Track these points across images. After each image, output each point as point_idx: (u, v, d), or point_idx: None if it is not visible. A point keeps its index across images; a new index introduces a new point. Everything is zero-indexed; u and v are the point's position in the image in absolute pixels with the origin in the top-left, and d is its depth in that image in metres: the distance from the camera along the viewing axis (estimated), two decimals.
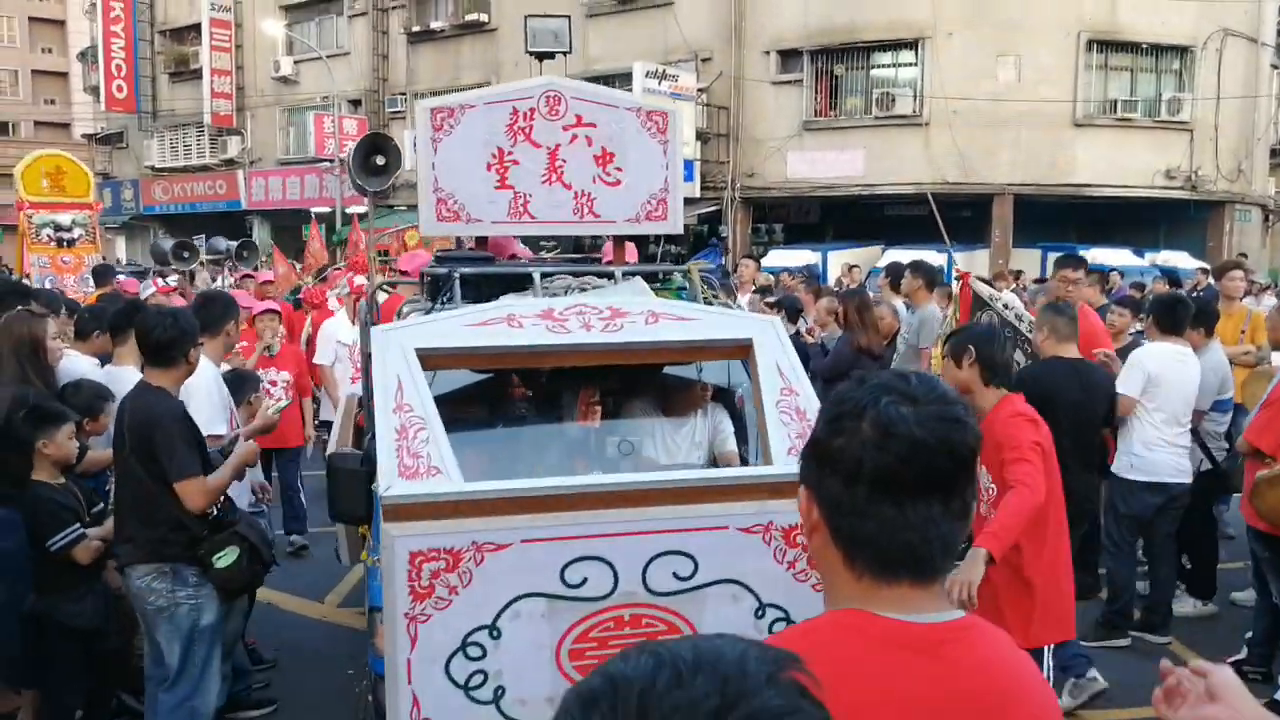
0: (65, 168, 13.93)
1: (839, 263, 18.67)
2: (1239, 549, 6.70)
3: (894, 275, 8.89)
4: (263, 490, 5.83)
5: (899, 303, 8.77)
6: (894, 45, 21.68)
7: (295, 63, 30.86)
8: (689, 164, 21.91)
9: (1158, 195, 21.47)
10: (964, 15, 20.58)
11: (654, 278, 5.19)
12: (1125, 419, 5.95)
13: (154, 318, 4.50)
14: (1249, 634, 5.72)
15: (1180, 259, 19.73)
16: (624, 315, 3.82)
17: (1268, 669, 5.55)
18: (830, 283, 14.91)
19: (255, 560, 4.40)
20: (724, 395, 4.85)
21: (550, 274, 4.84)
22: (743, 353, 3.89)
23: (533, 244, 6.78)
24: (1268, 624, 5.62)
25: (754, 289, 10.36)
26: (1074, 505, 4.70)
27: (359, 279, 9.17)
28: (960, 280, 6.79)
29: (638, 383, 4.68)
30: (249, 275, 11.76)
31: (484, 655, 3.22)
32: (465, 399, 4.55)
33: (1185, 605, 6.48)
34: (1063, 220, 22.25)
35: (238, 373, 5.94)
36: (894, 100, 21.30)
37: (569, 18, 7.60)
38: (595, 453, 4.55)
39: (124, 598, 4.49)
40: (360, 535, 4.66)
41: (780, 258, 18.96)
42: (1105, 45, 21.06)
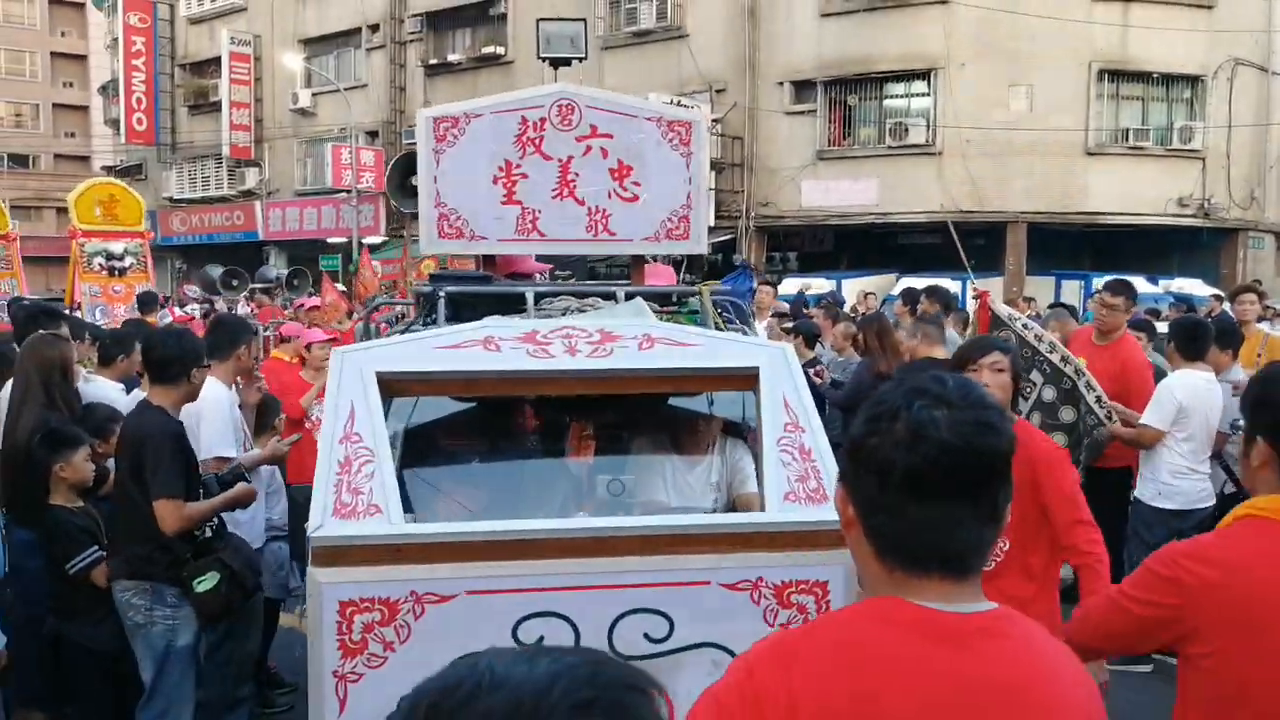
0: (118, 196, 13.83)
1: (853, 290, 18.75)
2: None
3: (911, 301, 9.00)
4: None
5: None
6: (907, 76, 21.87)
7: (313, 95, 31.21)
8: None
9: (1170, 223, 21.53)
10: (976, 46, 20.76)
11: (667, 300, 4.81)
12: (1151, 448, 5.99)
13: (157, 336, 4.60)
14: None
15: (1194, 286, 19.75)
16: (615, 339, 3.43)
17: None
18: (845, 310, 14.99)
19: (236, 588, 4.32)
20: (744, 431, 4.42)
21: (547, 294, 4.48)
22: (747, 383, 3.45)
23: (553, 261, 6.41)
24: None
25: (772, 314, 10.46)
26: None
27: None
28: (979, 299, 6.84)
29: (642, 415, 4.19)
30: (313, 305, 11.41)
31: None
32: (448, 430, 4.17)
33: None
34: (1076, 248, 22.33)
35: (264, 400, 6.00)
36: (907, 130, 21.47)
37: (585, 21, 7.49)
38: (587, 492, 4.00)
39: None
40: None
41: (797, 285, 19.05)
42: (1117, 75, 21.21)
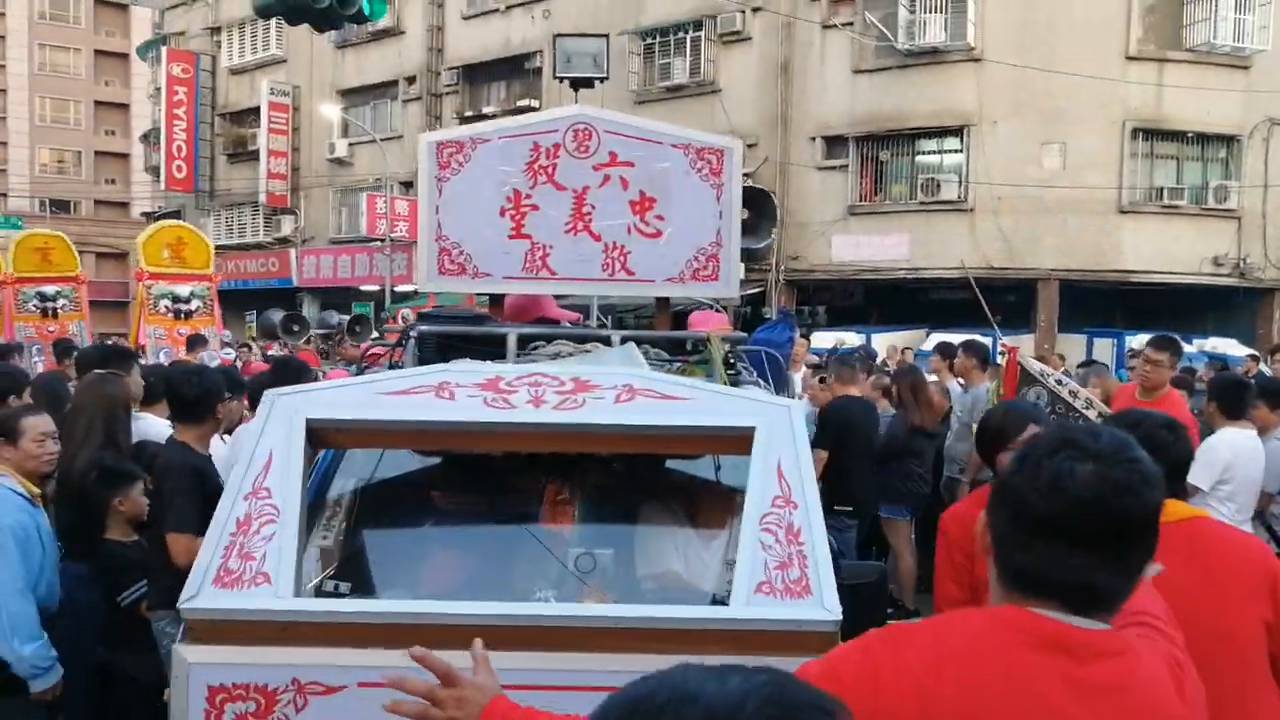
0: (186, 239, 13.92)
1: (884, 345, 18.69)
2: None
3: (947, 355, 8.97)
4: None
5: (952, 383, 8.85)
6: (939, 132, 21.94)
7: (349, 145, 31.64)
8: None
9: (1205, 282, 21.38)
10: (1009, 104, 20.82)
11: (680, 347, 4.38)
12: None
13: (180, 376, 4.79)
14: None
15: (1229, 346, 19.56)
16: (590, 389, 3.00)
17: None
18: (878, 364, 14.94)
19: None
20: None
21: (536, 337, 4.11)
22: (739, 446, 2.96)
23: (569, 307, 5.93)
24: None
25: (806, 366, 10.44)
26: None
27: None
28: (1007, 354, 6.77)
29: (635, 479, 3.71)
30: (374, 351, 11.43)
31: None
32: (404, 488, 3.81)
33: None
34: (1109, 306, 22.19)
35: None
36: (939, 186, 21.50)
37: (606, 37, 6.75)
38: (553, 568, 3.41)
39: None
40: None
41: (830, 339, 19.01)
42: (1151, 133, 21.19)
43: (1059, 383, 6.37)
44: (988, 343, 11.09)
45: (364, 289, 30.05)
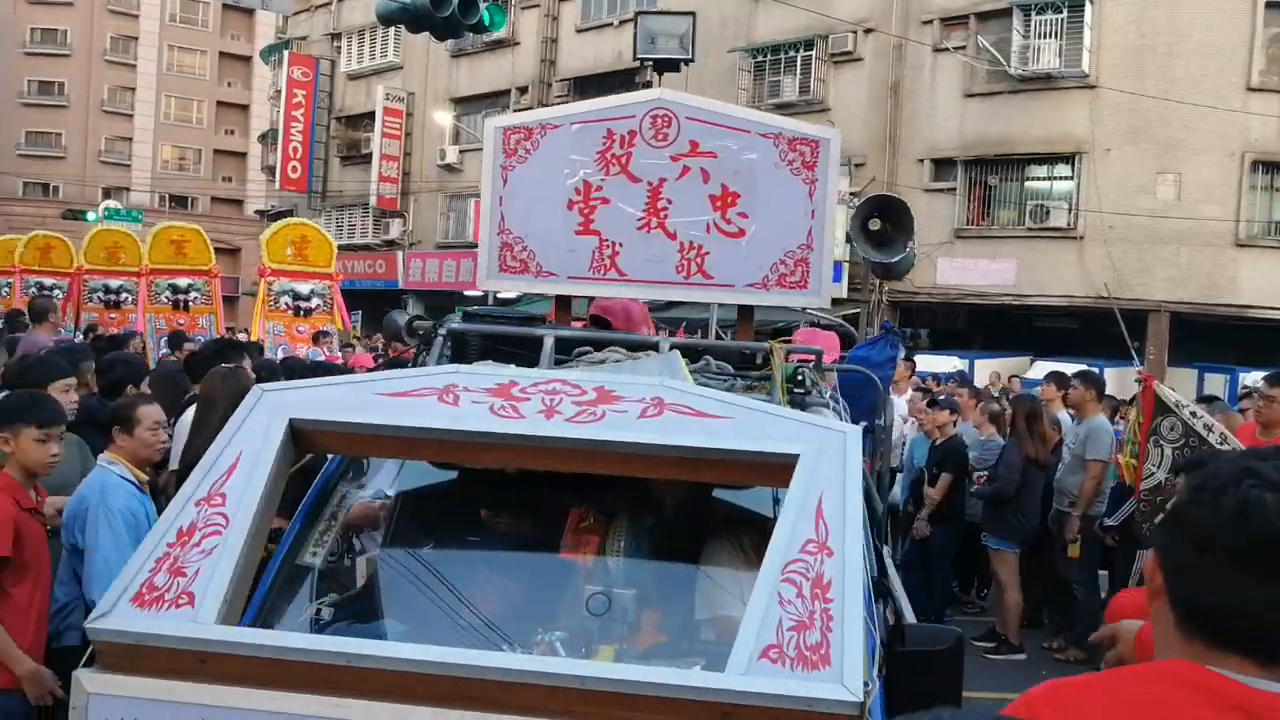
0: (310, 237, 13.82)
1: (986, 371, 18.53)
2: None
3: (1061, 384, 8.91)
4: None
5: (1062, 413, 8.79)
6: (1050, 158, 21.70)
7: (460, 152, 32.30)
8: (837, 266, 22.17)
9: None
10: (1124, 132, 20.50)
11: (750, 362, 3.84)
12: None
13: (293, 371, 4.91)
14: None
15: None
16: (613, 401, 2.61)
17: None
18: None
19: None
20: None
21: (582, 340, 3.71)
22: (778, 476, 2.52)
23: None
24: None
25: (913, 389, 10.45)
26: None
27: None
28: (1144, 383, 6.62)
29: (679, 506, 3.20)
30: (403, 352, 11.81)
31: None
32: (421, 502, 3.46)
33: None
34: (1221, 341, 21.65)
35: None
36: (1048, 212, 21.26)
37: (694, 15, 5.87)
38: (565, 606, 2.99)
39: None
40: None
41: (927, 363, 18.90)
42: (1271, 166, 20.67)
43: (1193, 415, 6.17)
44: (1097, 373, 11.01)
45: (468, 294, 30.65)
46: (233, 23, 62.10)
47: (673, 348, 3.55)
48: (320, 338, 12.20)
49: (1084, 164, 20.95)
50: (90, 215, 36.14)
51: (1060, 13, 20.81)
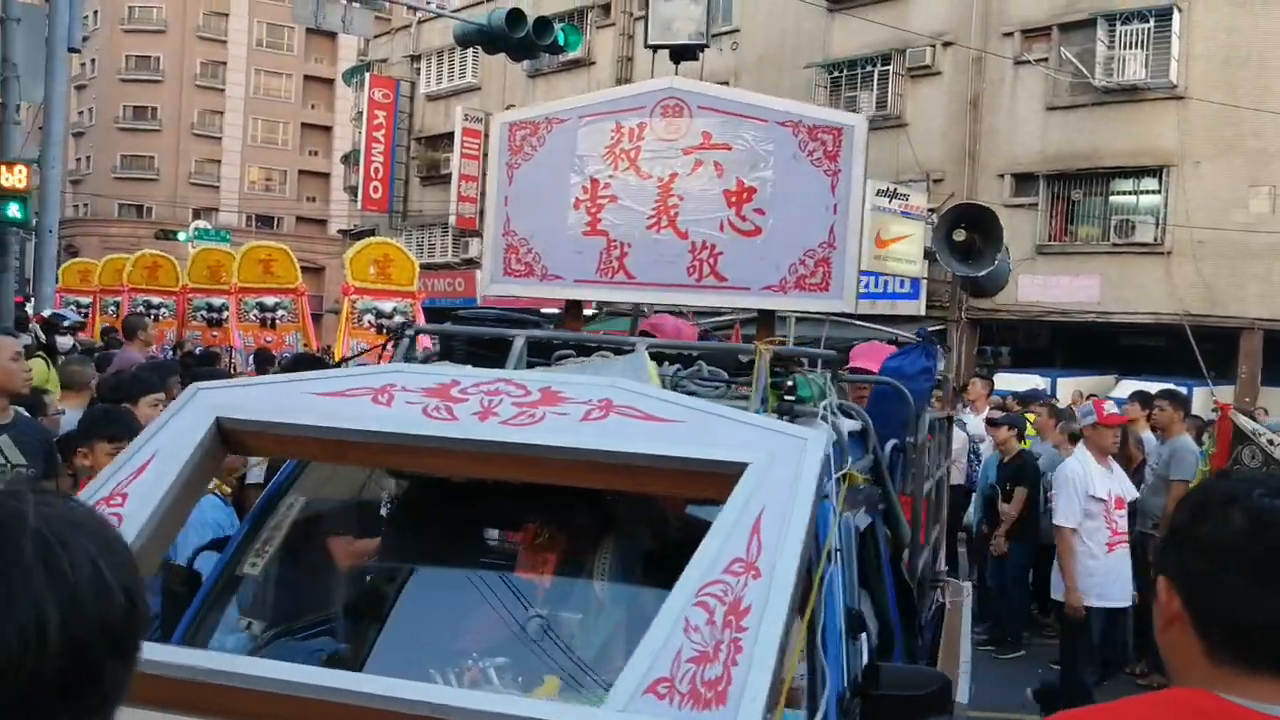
0: (393, 256, 13.99)
1: (1068, 390, 18.10)
2: None
3: (1145, 404, 8.70)
4: None
5: (1146, 433, 8.56)
6: (1136, 172, 21.18)
7: None
8: (915, 283, 21.88)
9: None
10: (1214, 144, 19.94)
11: (747, 369, 3.27)
12: None
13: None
14: None
15: None
16: (557, 403, 2.38)
17: None
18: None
19: None
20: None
21: (548, 340, 3.43)
22: (722, 487, 2.18)
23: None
24: None
25: (991, 408, 10.25)
26: None
27: None
28: (1219, 411, 6.45)
29: (653, 520, 2.91)
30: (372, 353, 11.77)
31: None
32: (369, 510, 3.32)
33: None
34: None
35: None
36: (1134, 227, 20.73)
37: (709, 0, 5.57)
38: (508, 630, 2.73)
39: None
40: None
41: (1007, 381, 18.53)
42: None
43: (1270, 442, 6.05)
44: (1182, 392, 10.71)
45: (544, 311, 30.79)
46: (316, 46, 63.52)
47: (652, 349, 3.22)
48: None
49: (1172, 177, 20.42)
50: (181, 235, 37.18)
51: (1146, 22, 20.35)
